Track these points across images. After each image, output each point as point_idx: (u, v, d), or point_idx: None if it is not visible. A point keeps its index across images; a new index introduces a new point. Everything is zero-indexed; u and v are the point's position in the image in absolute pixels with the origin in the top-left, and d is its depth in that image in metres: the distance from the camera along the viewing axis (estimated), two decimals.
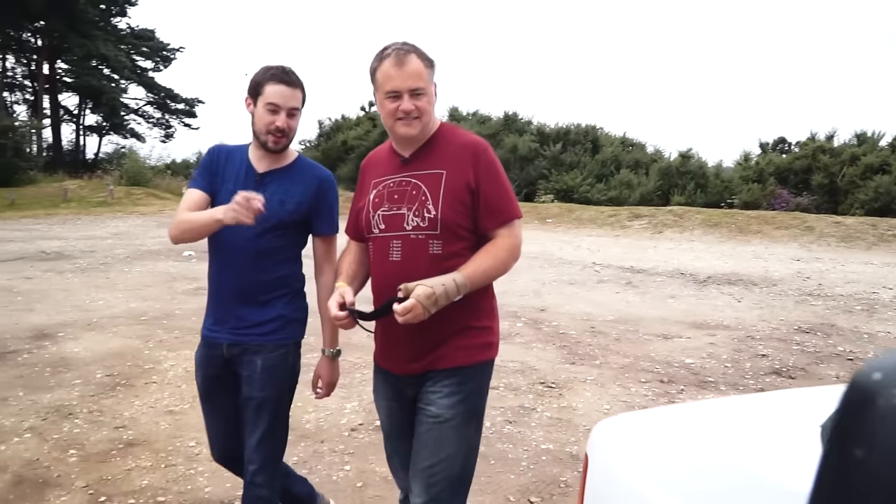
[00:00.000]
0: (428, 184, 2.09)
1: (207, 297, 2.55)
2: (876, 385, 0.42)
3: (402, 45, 2.08)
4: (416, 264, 2.05)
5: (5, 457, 3.88)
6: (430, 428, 2.10)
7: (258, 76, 2.39)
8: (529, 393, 5.07)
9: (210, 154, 2.53)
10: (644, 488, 1.29)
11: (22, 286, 8.78)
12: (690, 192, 21.06)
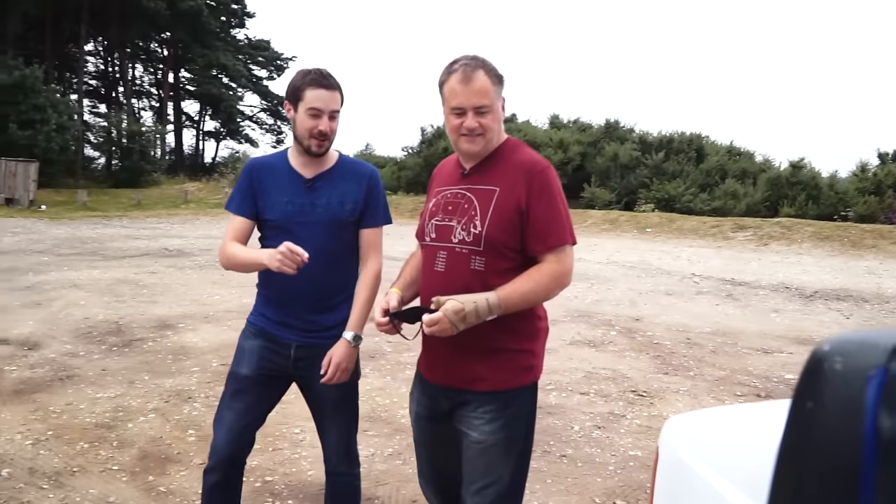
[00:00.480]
0: (480, 199, 2.09)
1: (265, 295, 2.52)
2: (825, 354, 0.54)
3: (471, 61, 2.06)
4: (457, 278, 2.06)
5: (133, 433, 4.31)
6: (476, 453, 2.12)
7: (297, 81, 2.37)
8: (620, 400, 5.12)
9: (247, 173, 2.50)
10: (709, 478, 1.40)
11: (147, 280, 9.53)
12: (801, 204, 20.14)
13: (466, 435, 2.13)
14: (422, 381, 2.27)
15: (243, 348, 2.53)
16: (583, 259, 12.95)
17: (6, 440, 4.13)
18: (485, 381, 2.09)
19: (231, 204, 2.50)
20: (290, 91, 2.40)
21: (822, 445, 0.53)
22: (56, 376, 5.36)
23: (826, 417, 0.52)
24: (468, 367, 2.09)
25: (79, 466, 3.82)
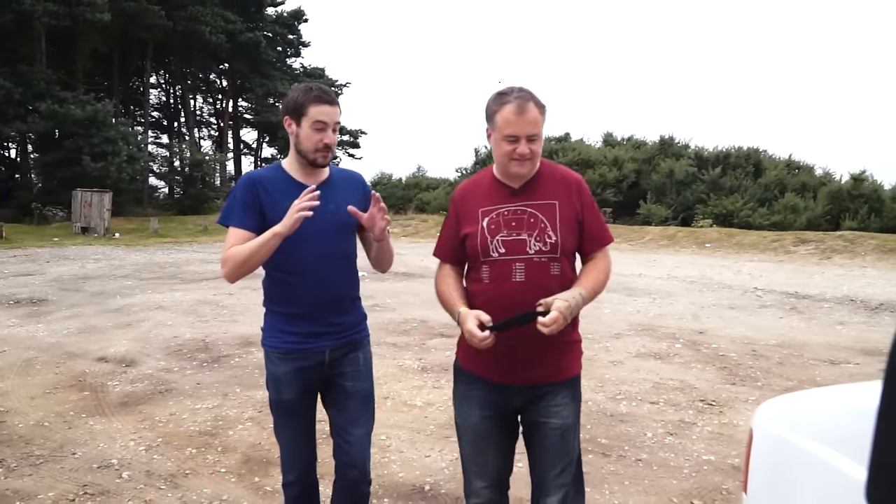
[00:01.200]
0: (544, 213, 2.33)
1: (285, 313, 2.54)
2: None
3: (522, 93, 2.28)
4: (540, 284, 2.28)
5: (234, 439, 4.66)
6: (557, 438, 2.35)
7: (299, 98, 2.45)
8: (689, 409, 5.27)
9: (249, 187, 2.48)
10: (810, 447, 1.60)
11: (226, 301, 10.03)
12: (863, 217, 19.77)
13: (546, 424, 2.37)
14: (487, 385, 2.41)
15: (277, 376, 2.55)
16: (643, 275, 13.03)
17: (121, 447, 4.52)
18: (564, 371, 2.38)
19: (231, 218, 2.46)
20: (291, 107, 2.47)
21: None
22: (156, 390, 5.78)
23: None
24: (552, 362, 2.34)
25: (190, 469, 4.18)
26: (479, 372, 2.42)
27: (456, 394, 2.55)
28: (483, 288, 2.36)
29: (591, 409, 5.25)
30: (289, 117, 2.49)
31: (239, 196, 2.47)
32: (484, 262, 2.36)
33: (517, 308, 2.24)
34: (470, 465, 2.50)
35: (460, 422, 2.51)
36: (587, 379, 5.96)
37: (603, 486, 3.90)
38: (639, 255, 17.20)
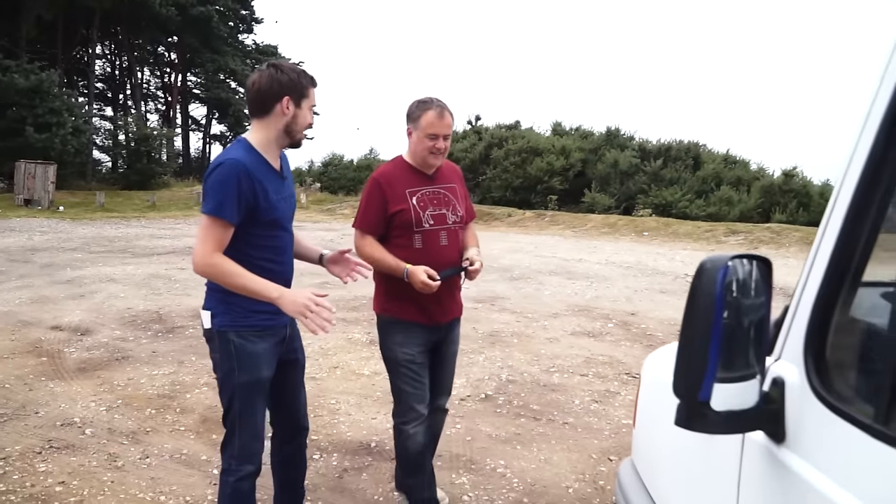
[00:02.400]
0: (451, 193, 3.13)
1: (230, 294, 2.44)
2: (703, 262, 1.16)
3: (440, 102, 2.98)
4: (456, 246, 3.10)
5: (191, 402, 4.96)
6: (453, 358, 3.33)
7: (301, 82, 2.49)
8: (615, 381, 5.77)
9: (244, 178, 2.37)
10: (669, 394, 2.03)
11: (178, 275, 10.19)
12: (792, 211, 20.81)
13: (449, 349, 3.26)
14: (420, 326, 3.07)
15: (257, 354, 2.52)
16: (583, 260, 13.60)
17: (82, 407, 4.78)
18: (460, 309, 3.29)
19: (225, 212, 2.34)
20: (289, 86, 2.46)
21: (701, 297, 1.18)
22: (112, 357, 6.01)
23: (703, 286, 1.16)
24: (458, 303, 3.24)
25: (150, 427, 4.47)
26: (416, 319, 3.06)
27: (393, 340, 3.10)
28: (415, 251, 2.99)
29: (526, 379, 5.70)
30: (290, 98, 2.48)
31: (230, 188, 2.34)
32: (416, 232, 2.99)
33: (445, 264, 2.99)
34: (409, 394, 3.10)
35: (402, 359, 3.07)
36: (524, 353, 6.43)
37: (532, 445, 4.34)
38: (580, 241, 17.82)
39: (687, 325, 1.17)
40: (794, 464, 1.18)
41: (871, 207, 1.13)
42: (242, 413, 2.53)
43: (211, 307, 2.50)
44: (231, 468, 2.57)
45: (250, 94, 2.51)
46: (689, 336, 1.16)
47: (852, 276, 1.18)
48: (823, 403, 1.13)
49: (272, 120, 2.49)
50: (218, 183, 2.35)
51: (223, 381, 2.54)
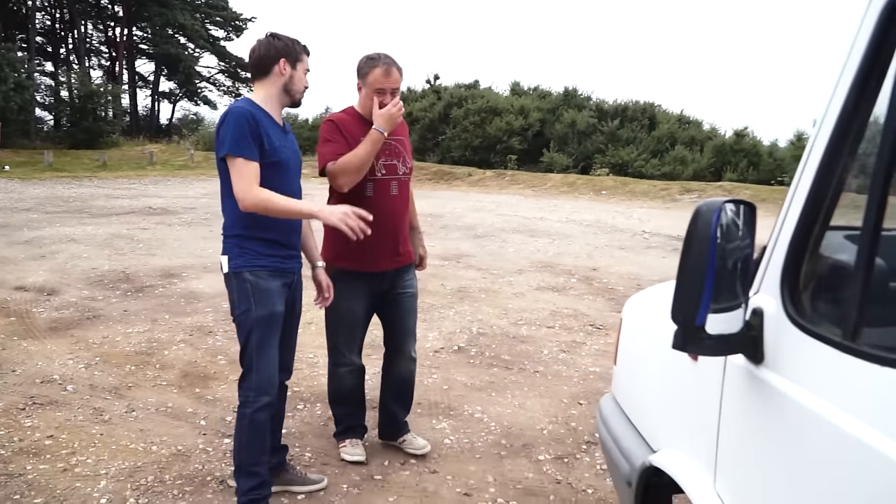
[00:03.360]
0: (401, 145, 3.25)
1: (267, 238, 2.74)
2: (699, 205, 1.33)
3: (388, 58, 3.08)
4: (404, 196, 3.27)
5: (170, 358, 5.04)
6: (412, 302, 3.43)
7: (295, 48, 2.76)
8: (580, 332, 6.03)
9: (248, 119, 2.61)
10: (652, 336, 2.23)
11: (141, 235, 10.11)
12: (743, 170, 21.40)
13: (403, 294, 3.37)
14: (362, 276, 3.21)
15: (270, 290, 2.74)
16: (545, 218, 13.86)
17: (60, 365, 4.82)
18: (411, 255, 3.40)
19: (244, 150, 2.58)
20: (285, 50, 2.74)
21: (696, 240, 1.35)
22: (83, 316, 6.02)
23: (699, 229, 1.33)
24: (407, 249, 3.34)
25: (132, 383, 4.55)
26: (357, 268, 3.19)
27: (337, 288, 3.14)
28: (366, 199, 3.06)
29: (496, 332, 5.92)
30: (285, 59, 2.73)
31: (242, 128, 2.58)
32: (369, 180, 3.11)
33: (394, 212, 3.17)
34: (344, 344, 3.35)
35: (345, 312, 3.26)
36: (492, 307, 6.64)
37: (506, 392, 4.56)
38: (541, 200, 18.08)
39: (684, 261, 1.34)
40: (771, 380, 1.37)
41: (837, 165, 1.31)
42: (260, 346, 2.76)
43: (227, 252, 2.77)
44: (249, 400, 2.79)
45: (252, 59, 2.81)
46: (686, 271, 1.33)
47: (821, 221, 1.36)
48: (797, 327, 1.32)
49: (272, 80, 2.77)
50: (229, 126, 2.61)
51: (241, 319, 2.76)
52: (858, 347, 1.16)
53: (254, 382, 2.79)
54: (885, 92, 1.21)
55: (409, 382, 3.61)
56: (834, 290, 1.39)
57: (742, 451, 1.51)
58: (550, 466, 3.56)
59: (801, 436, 1.28)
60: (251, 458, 2.81)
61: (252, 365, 2.78)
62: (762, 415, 1.41)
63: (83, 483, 3.23)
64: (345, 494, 3.21)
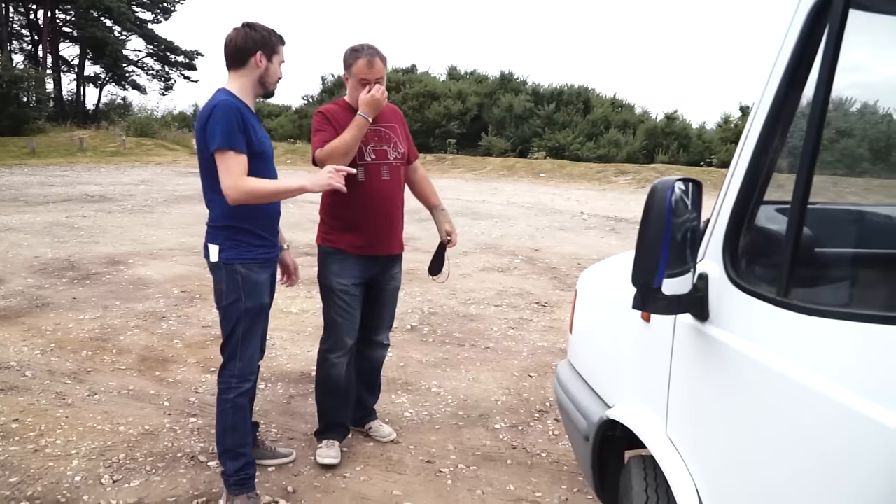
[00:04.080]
0: (392, 132, 3.34)
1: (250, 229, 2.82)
2: (655, 183, 1.55)
3: (371, 49, 3.17)
4: (397, 181, 3.35)
5: (126, 343, 5.07)
6: (394, 294, 3.57)
7: (272, 39, 2.80)
8: (527, 309, 6.29)
9: (237, 112, 2.67)
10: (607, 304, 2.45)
11: (81, 223, 9.91)
12: (674, 152, 22.20)
13: (389, 283, 3.49)
14: (356, 258, 3.28)
15: (259, 283, 2.84)
16: (486, 201, 14.13)
17: (15, 352, 4.79)
18: (401, 246, 3.48)
19: (235, 142, 2.64)
20: (262, 42, 2.77)
21: (654, 213, 1.56)
22: (32, 304, 5.95)
23: (655, 203, 1.54)
24: (398, 239, 3.42)
25: (91, 368, 4.58)
26: (352, 250, 3.27)
27: (330, 269, 3.31)
28: (358, 184, 3.16)
29: (446, 311, 6.12)
30: (262, 53, 2.78)
31: (231, 122, 2.64)
32: (359, 165, 3.19)
33: (386, 196, 3.27)
34: (339, 324, 3.36)
35: (336, 289, 3.30)
36: (441, 288, 6.83)
37: (460, 368, 4.77)
38: (481, 183, 18.37)
39: (643, 232, 1.55)
40: (715, 334, 1.60)
41: (770, 148, 1.54)
42: (246, 336, 2.86)
43: (218, 242, 2.79)
44: (231, 387, 2.88)
45: (228, 49, 2.81)
46: (645, 241, 1.55)
47: (756, 196, 1.59)
48: (737, 287, 1.55)
49: (247, 71, 2.81)
50: (220, 120, 2.64)
51: (228, 309, 2.83)
52: (790, 302, 1.39)
53: (237, 370, 2.88)
54: (810, 85, 1.43)
55: (379, 368, 3.73)
56: (768, 255, 1.62)
57: (690, 398, 1.74)
58: (506, 434, 3.79)
59: (741, 380, 1.52)
60: (236, 440, 2.90)
61: (235, 353, 2.87)
62: (707, 365, 1.64)
63: (55, 462, 3.29)
64: (312, 465, 3.36)
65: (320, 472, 3.29)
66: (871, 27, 1.59)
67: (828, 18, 1.39)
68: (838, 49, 1.37)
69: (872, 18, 1.58)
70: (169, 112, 36.96)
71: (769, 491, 1.42)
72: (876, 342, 1.19)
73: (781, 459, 1.38)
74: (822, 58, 1.39)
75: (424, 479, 3.28)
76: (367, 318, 3.49)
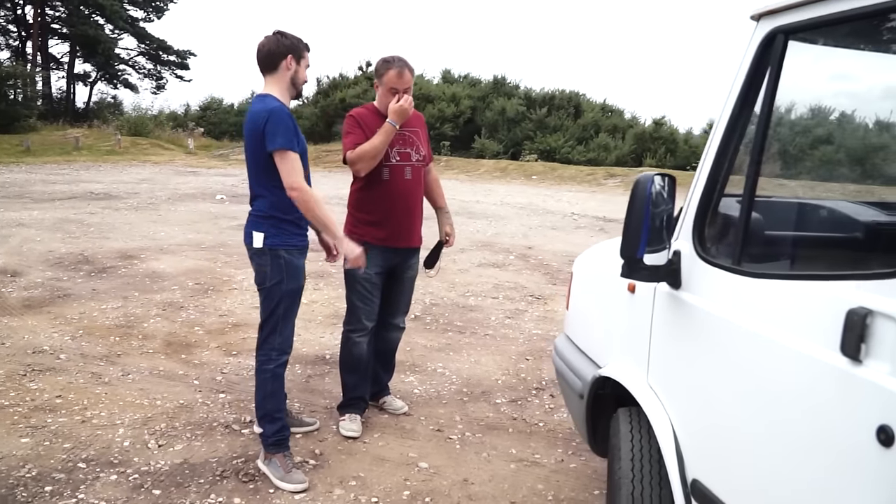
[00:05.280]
0: (416, 136, 3.68)
1: (293, 220, 3.17)
2: (639, 177, 1.95)
3: (401, 61, 3.51)
4: (418, 181, 3.70)
5: (151, 330, 5.43)
6: (411, 284, 3.92)
7: (299, 45, 3.14)
8: (522, 301, 6.71)
9: (291, 117, 3.05)
10: (598, 281, 2.87)
11: (90, 220, 10.24)
12: (661, 156, 22.74)
13: (406, 273, 3.83)
14: (378, 249, 3.59)
15: (298, 267, 3.20)
16: (480, 201, 14.57)
17: (46, 337, 5.14)
18: (420, 239, 3.83)
19: (293, 144, 3.01)
20: (291, 47, 3.12)
21: (637, 201, 1.96)
22: (54, 295, 6.29)
23: (638, 193, 1.94)
24: (417, 233, 3.78)
25: (121, 351, 4.94)
26: (375, 242, 3.59)
27: None
28: (383, 182, 3.57)
29: (447, 302, 6.53)
30: (292, 56, 3.13)
31: (288, 125, 3.01)
32: (385, 166, 3.56)
33: (408, 194, 3.64)
34: (360, 308, 3.70)
35: (358, 277, 3.62)
36: (440, 282, 7.24)
37: (462, 352, 5.18)
38: (475, 184, 18.82)
39: (629, 216, 1.96)
40: (686, 297, 2.02)
41: (728, 153, 1.96)
42: (286, 314, 3.22)
43: (263, 230, 3.14)
44: (271, 358, 3.25)
45: (261, 54, 3.17)
46: (630, 223, 1.96)
47: (718, 190, 2.01)
48: (703, 261, 1.97)
49: (280, 74, 3.16)
50: (279, 124, 2.99)
51: (271, 290, 3.17)
52: (743, 269, 1.81)
53: (277, 343, 3.23)
54: (759, 103, 1.85)
55: (394, 348, 4.11)
56: (727, 235, 2.04)
57: (666, 351, 2.15)
58: (507, 407, 4.21)
59: (706, 333, 1.93)
60: (274, 406, 3.28)
61: (276, 329, 3.21)
62: (680, 323, 2.06)
63: (103, 431, 3.66)
64: (335, 433, 3.75)
65: (343, 439, 3.68)
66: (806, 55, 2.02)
67: (772, 50, 1.82)
68: (780, 74, 1.80)
69: (808, 48, 2.00)
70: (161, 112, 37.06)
71: (727, 423, 1.84)
72: (805, 296, 1.60)
73: (738, 394, 1.79)
74: (768, 81, 1.82)
75: (436, 445, 3.68)
76: (385, 303, 3.83)
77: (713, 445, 1.90)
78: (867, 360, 1.37)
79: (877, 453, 1.32)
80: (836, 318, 1.43)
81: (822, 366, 1.48)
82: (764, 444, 1.67)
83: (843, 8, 1.58)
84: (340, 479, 3.28)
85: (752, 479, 1.71)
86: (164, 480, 3.20)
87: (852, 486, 1.40)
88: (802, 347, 1.55)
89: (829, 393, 1.46)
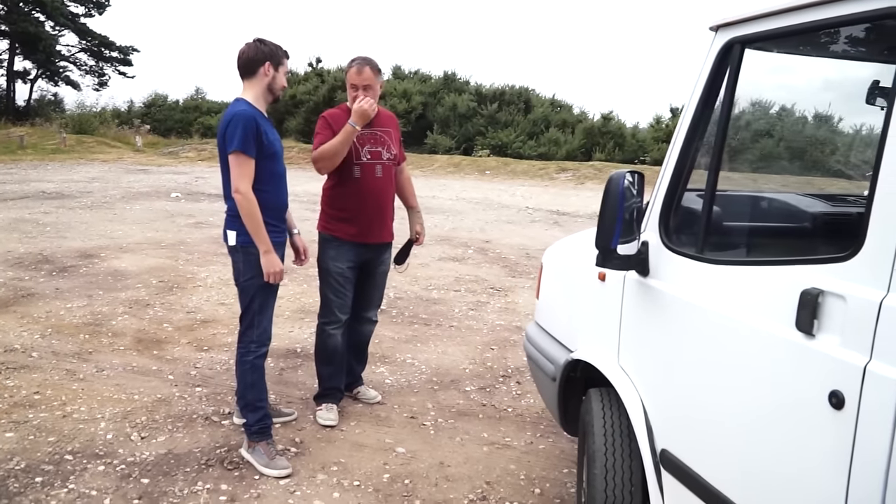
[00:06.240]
0: (387, 136, 3.80)
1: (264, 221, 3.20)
2: (612, 175, 2.17)
3: (363, 60, 3.63)
4: (389, 180, 3.83)
5: (119, 327, 5.46)
6: (383, 278, 4.07)
7: (278, 52, 3.27)
8: (483, 294, 6.91)
9: (253, 121, 3.10)
10: (569, 271, 3.07)
11: (45, 219, 10.06)
12: (610, 150, 23.26)
13: (378, 268, 3.97)
14: (350, 244, 3.74)
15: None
16: (436, 196, 14.74)
17: (16, 336, 5.12)
18: (391, 235, 3.96)
19: (248, 148, 3.09)
20: (270, 54, 3.23)
21: (611, 196, 2.16)
22: (17, 294, 6.23)
23: (611, 189, 2.14)
24: (389, 229, 3.90)
25: (92, 349, 4.97)
26: (347, 238, 3.73)
27: (327, 254, 3.79)
28: (354, 180, 3.68)
29: (411, 296, 6.69)
30: (270, 64, 3.23)
31: (248, 130, 3.09)
32: (356, 164, 3.69)
33: (378, 192, 3.74)
34: (333, 301, 3.83)
35: (332, 271, 3.77)
36: (403, 276, 7.38)
37: (429, 343, 5.36)
38: (430, 180, 18.98)
39: (603, 209, 2.17)
40: (654, 284, 2.23)
41: (690, 151, 2.17)
42: (262, 308, 3.35)
43: (236, 228, 3.24)
44: (251, 350, 3.38)
45: (241, 60, 3.29)
46: (605, 216, 2.16)
47: (682, 185, 2.22)
48: (669, 250, 2.18)
49: (257, 80, 3.27)
50: (238, 127, 3.09)
51: (245, 286, 3.30)
52: (704, 257, 2.02)
53: (255, 336, 3.36)
54: (717, 106, 2.07)
55: (367, 341, 4.25)
56: (690, 226, 2.26)
57: (635, 334, 2.37)
58: (476, 395, 4.40)
59: (673, 316, 2.15)
60: (255, 395, 3.41)
61: (254, 322, 3.34)
62: (647, 308, 2.27)
63: (85, 425, 3.73)
64: (313, 423, 3.89)
65: (321, 428, 3.82)
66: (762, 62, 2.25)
67: (730, 58, 2.03)
68: (737, 79, 2.02)
69: (763, 55, 2.22)
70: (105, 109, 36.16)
71: (693, 396, 2.06)
72: (763, 279, 1.82)
73: (703, 370, 2.01)
74: (726, 85, 2.04)
75: (411, 431, 3.85)
76: (359, 297, 3.97)
77: (680, 417, 2.12)
78: (819, 335, 1.59)
79: (830, 415, 1.53)
80: (791, 298, 1.64)
81: (779, 341, 1.69)
82: (728, 414, 1.89)
83: (791, 22, 1.81)
84: (322, 465, 3.42)
85: (718, 446, 1.93)
86: (151, 470, 3.30)
87: (809, 445, 1.61)
88: (761, 325, 1.76)
89: (786, 365, 1.68)
